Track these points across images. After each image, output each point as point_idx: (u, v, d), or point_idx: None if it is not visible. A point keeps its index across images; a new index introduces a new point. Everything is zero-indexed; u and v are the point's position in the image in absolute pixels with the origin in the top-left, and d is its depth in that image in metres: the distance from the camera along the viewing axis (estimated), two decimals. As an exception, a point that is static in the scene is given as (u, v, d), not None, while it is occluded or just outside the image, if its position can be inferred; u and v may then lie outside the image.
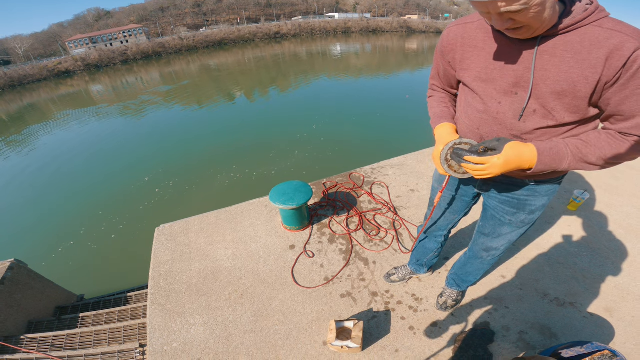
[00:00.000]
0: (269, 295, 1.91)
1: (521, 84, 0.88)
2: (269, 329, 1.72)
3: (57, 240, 6.85)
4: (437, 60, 1.14)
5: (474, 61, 0.97)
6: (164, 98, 20.34)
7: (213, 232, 2.41)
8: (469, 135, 1.07)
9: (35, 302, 2.68)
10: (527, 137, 0.94)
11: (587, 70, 0.78)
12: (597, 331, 1.69)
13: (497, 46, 0.91)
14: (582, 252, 2.17)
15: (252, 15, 54.29)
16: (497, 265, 2.08)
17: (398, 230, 2.37)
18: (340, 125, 11.85)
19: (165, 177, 8.95)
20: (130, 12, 75.60)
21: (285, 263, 2.12)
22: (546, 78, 0.84)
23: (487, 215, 1.31)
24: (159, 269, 2.12)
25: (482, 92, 0.97)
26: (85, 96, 26.99)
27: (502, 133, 0.97)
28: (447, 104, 1.21)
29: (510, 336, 1.67)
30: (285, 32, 47.32)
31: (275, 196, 2.21)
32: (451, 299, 1.78)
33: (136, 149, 11.77)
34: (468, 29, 0.98)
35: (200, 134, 12.61)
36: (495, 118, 0.97)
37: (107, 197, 8.38)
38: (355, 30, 50.63)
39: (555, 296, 1.87)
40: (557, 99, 0.85)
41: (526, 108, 0.90)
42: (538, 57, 0.84)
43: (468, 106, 1.05)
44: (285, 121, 13.24)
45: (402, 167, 3.21)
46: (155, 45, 50.72)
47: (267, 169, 8.81)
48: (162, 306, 1.88)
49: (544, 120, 0.90)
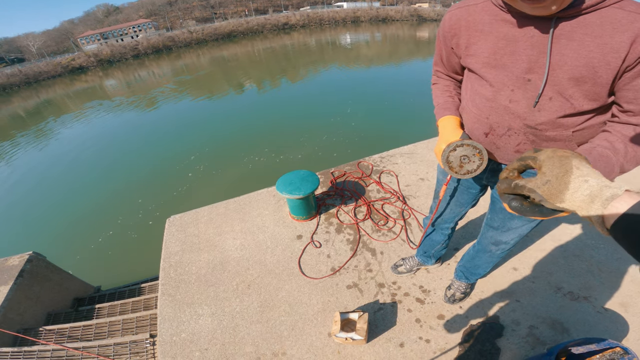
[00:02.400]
0: (275, 285, 1.91)
1: (535, 70, 0.81)
2: (275, 319, 1.73)
3: (77, 231, 7.04)
4: (440, 45, 1.08)
5: (481, 46, 0.90)
6: (179, 89, 20.58)
7: (222, 223, 2.42)
8: (476, 126, 1.00)
9: (54, 294, 2.74)
10: (542, 128, 0.88)
11: (609, 55, 0.71)
12: (611, 327, 1.63)
13: (506, 29, 0.84)
14: (599, 244, 2.09)
15: (259, 7, 53.87)
16: (509, 257, 2.02)
17: (407, 220, 2.33)
18: (352, 115, 11.73)
19: (189, 166, 9.08)
20: (139, 7, 76.19)
21: (292, 253, 2.11)
22: (563, 63, 0.77)
23: (496, 208, 1.25)
24: (169, 260, 2.15)
25: (491, 79, 0.90)
26: (100, 90, 27.48)
27: (515, 123, 0.90)
28: (451, 92, 1.15)
29: (520, 330, 1.63)
30: (293, 23, 46.84)
31: (282, 186, 2.20)
32: (459, 291, 1.75)
33: (155, 141, 11.95)
34: (472, 11, 0.91)
35: (206, 124, 12.71)
36: (507, 107, 0.90)
37: (122, 189, 8.56)
38: (365, 19, 49.74)
39: (569, 290, 1.81)
40: (575, 85, 0.78)
41: (541, 96, 0.83)
42: (554, 40, 0.77)
43: (475, 94, 0.98)
44: (295, 111, 13.20)
45: (412, 155, 3.14)
46: (165, 39, 51.06)
47: (275, 158, 8.82)
48: (172, 297, 1.90)
49: (561, 109, 0.83)
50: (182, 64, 33.73)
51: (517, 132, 0.92)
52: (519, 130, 0.91)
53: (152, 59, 44.70)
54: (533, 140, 0.91)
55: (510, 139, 0.95)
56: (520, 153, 0.96)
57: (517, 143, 0.94)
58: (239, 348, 1.62)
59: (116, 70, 40.30)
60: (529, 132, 0.90)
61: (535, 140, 0.91)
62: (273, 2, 55.39)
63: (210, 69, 27.92)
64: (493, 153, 1.04)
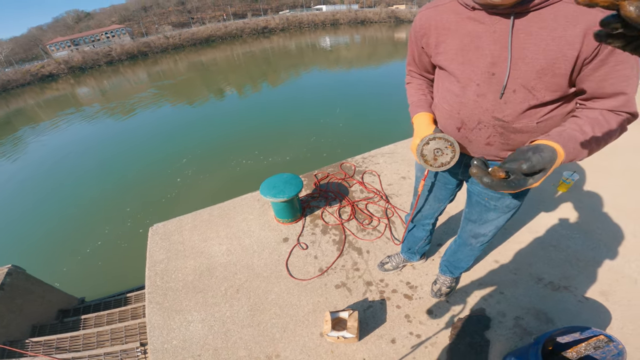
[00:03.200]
0: (264, 289, 1.91)
1: (498, 64, 0.86)
2: (266, 322, 1.73)
3: (61, 243, 6.84)
4: (412, 45, 1.12)
5: (449, 44, 0.94)
6: (158, 96, 20.07)
7: (206, 229, 2.40)
8: (449, 122, 1.05)
9: (37, 306, 2.71)
10: (509, 120, 0.92)
11: (565, 47, 0.76)
12: (594, 316, 1.69)
13: (471, 27, 0.88)
14: (574, 234, 2.18)
15: (238, 11, 53.30)
16: (490, 249, 2.09)
17: (390, 218, 2.38)
18: (333, 117, 11.82)
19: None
20: (112, 13, 73.86)
21: (279, 256, 2.12)
22: (524, 56, 0.82)
23: (472, 202, 1.31)
24: (154, 268, 2.11)
25: (459, 75, 0.95)
26: (73, 98, 26.46)
27: (484, 116, 0.95)
28: (424, 91, 1.19)
29: (506, 322, 1.67)
30: (273, 27, 46.72)
31: (266, 189, 2.20)
32: (445, 285, 1.79)
33: (117, 152, 11.62)
34: (440, 11, 0.95)
35: (190, 130, 12.49)
36: (476, 101, 0.94)
37: (97, 201, 8.29)
38: (344, 22, 50.23)
39: (549, 280, 1.88)
40: (536, 77, 0.83)
41: (506, 88, 0.87)
42: (514, 35, 0.81)
43: (446, 91, 1.03)
44: (276, 114, 13.18)
45: (393, 155, 3.21)
46: (140, 45, 49.76)
47: (258, 163, 8.78)
48: (160, 305, 1.87)
49: (524, 101, 0.88)
50: (159, 70, 33.01)
51: (486, 125, 0.96)
52: (489, 123, 0.96)
53: (127, 65, 43.46)
54: (502, 132, 0.96)
55: (481, 132, 0.99)
56: (490, 145, 1.01)
57: (488, 135, 0.99)
58: (232, 353, 1.61)
59: (89, 77, 38.93)
60: (497, 125, 0.94)
61: (503, 133, 0.96)
62: (252, 6, 54.97)
63: (188, 74, 27.44)
64: (466, 147, 1.08)
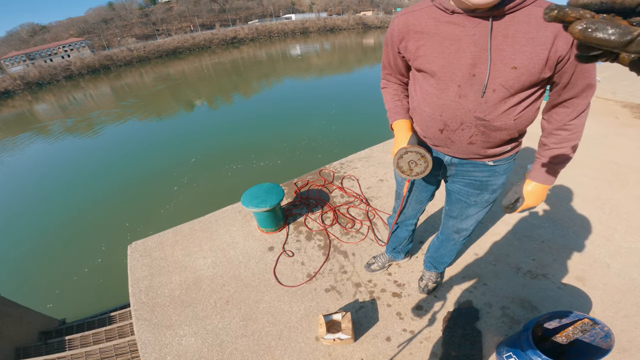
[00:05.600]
0: (254, 298, 1.90)
1: (479, 65, 0.89)
2: (260, 331, 1.72)
3: (26, 267, 6.49)
4: (387, 49, 1.13)
5: (429, 47, 0.96)
6: (124, 110, 19.29)
7: (189, 243, 2.35)
8: (431, 124, 1.07)
9: (16, 329, 2.61)
10: (490, 118, 0.96)
11: (538, 47, 0.83)
12: (575, 301, 1.77)
13: (450, 30, 0.90)
14: (544, 223, 2.32)
15: (206, 22, 52.43)
16: (469, 243, 2.17)
17: (372, 220, 2.43)
18: (307, 125, 11.91)
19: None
20: (69, 26, 70.50)
21: (266, 265, 2.11)
22: (502, 57, 0.86)
23: (453, 200, 1.35)
24: (138, 285, 2.04)
25: (440, 76, 0.96)
26: (31, 116, 24.89)
27: (466, 117, 0.98)
28: (400, 96, 1.22)
29: (494, 312, 1.73)
30: (242, 37, 46.44)
31: (247, 200, 2.20)
32: (431, 281, 1.84)
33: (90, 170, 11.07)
34: (418, 16, 0.97)
35: (162, 145, 12.12)
36: (458, 102, 0.96)
37: (67, 222, 7.83)
38: (313, 30, 50.89)
39: (527, 269, 1.97)
40: (514, 77, 0.87)
41: (486, 88, 0.91)
42: (493, 37, 0.85)
43: (427, 95, 1.03)
44: (249, 126, 13.07)
45: (369, 159, 3.30)
46: (101, 58, 47.73)
47: (234, 175, 8.67)
48: (148, 321, 1.82)
49: (504, 99, 0.92)
50: (124, 84, 31.81)
51: (469, 125, 0.99)
52: (471, 123, 0.99)
53: (89, 79, 41.53)
54: (483, 131, 1.00)
55: (463, 132, 1.02)
56: (473, 144, 1.05)
57: (470, 135, 1.02)
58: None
59: (47, 93, 36.85)
60: (479, 124, 0.98)
61: (485, 131, 1.00)
62: (220, 16, 54.27)
63: (155, 87, 26.64)
64: (448, 148, 1.11)
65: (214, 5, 56.02)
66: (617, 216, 2.34)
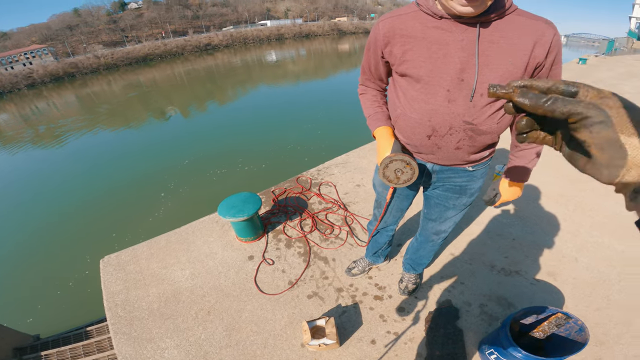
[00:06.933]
0: (236, 307, 1.87)
1: (467, 70, 0.90)
2: (245, 340, 1.69)
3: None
4: (369, 54, 1.10)
5: (416, 51, 0.94)
6: (90, 120, 18.40)
7: (165, 256, 2.28)
8: (418, 130, 1.06)
9: None
10: (477, 122, 0.98)
11: (520, 53, 0.87)
12: (548, 296, 1.85)
13: (438, 35, 0.90)
14: (514, 222, 2.43)
15: (178, 29, 51.07)
16: (446, 244, 2.24)
17: (351, 225, 2.46)
18: (283, 132, 11.90)
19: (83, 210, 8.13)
20: (31, 32, 66.76)
21: (246, 274, 2.08)
22: (489, 62, 0.89)
23: (432, 204, 1.38)
24: (113, 299, 1.97)
25: (428, 81, 0.96)
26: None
27: (455, 121, 0.98)
28: (379, 102, 1.21)
29: (473, 310, 1.79)
30: (216, 43, 45.68)
31: (224, 210, 2.17)
32: (411, 282, 1.87)
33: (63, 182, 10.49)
34: (404, 20, 0.96)
35: (125, 157, 11.69)
36: (447, 107, 0.96)
37: (33, 237, 7.37)
38: (289, 36, 50.96)
39: (501, 267, 2.05)
40: (500, 81, 0.90)
41: (475, 92, 0.92)
42: (480, 43, 0.88)
43: (413, 100, 1.02)
44: (223, 135, 12.87)
45: (346, 165, 3.34)
46: (66, 66, 45.39)
47: (212, 186, 8.50)
48: (127, 335, 1.75)
49: (490, 103, 0.95)
50: (90, 92, 30.40)
51: (457, 130, 1.00)
52: (459, 128, 0.99)
53: (52, 88, 39.37)
54: (471, 135, 1.01)
55: (451, 137, 1.02)
56: (459, 149, 1.06)
57: (458, 140, 1.03)
58: (211, 378, 1.54)
59: (8, 103, 34.57)
60: (467, 129, 0.99)
61: (472, 136, 1.01)
62: (193, 23, 53.05)
63: (124, 96, 25.66)
64: (433, 154, 1.11)
65: (187, 12, 54.85)
66: (581, 212, 2.49)
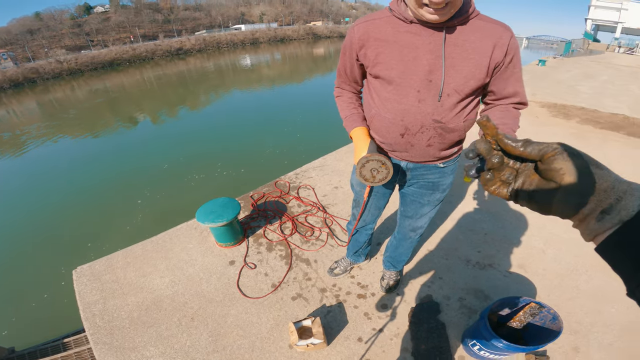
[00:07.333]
0: (220, 313, 1.86)
1: (434, 72, 0.96)
2: (231, 345, 1.68)
3: None
4: (344, 57, 1.16)
5: (389, 55, 1.00)
6: (53, 127, 17.35)
7: (142, 264, 2.22)
8: (392, 129, 1.12)
9: None
10: (446, 120, 1.04)
11: (481, 55, 0.94)
12: (521, 287, 1.95)
13: (408, 39, 0.96)
14: (485, 217, 2.56)
15: (148, 33, 49.08)
16: (422, 241, 2.33)
17: (330, 227, 2.51)
18: (261, 136, 11.81)
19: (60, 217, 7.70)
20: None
21: (228, 279, 2.07)
22: (455, 64, 0.95)
23: (407, 201, 1.46)
24: (90, 310, 1.90)
25: (400, 82, 1.01)
26: None
27: (425, 120, 1.04)
28: (355, 104, 1.26)
29: (452, 304, 1.86)
30: (188, 48, 44.45)
31: (203, 216, 2.15)
32: (392, 279, 1.94)
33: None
34: (377, 25, 1.01)
35: (91, 165, 11.15)
36: (418, 106, 1.02)
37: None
38: (264, 40, 50.51)
39: (476, 260, 2.15)
40: (464, 82, 0.97)
41: (442, 92, 0.99)
42: (446, 46, 0.94)
43: (386, 101, 1.07)
44: (202, 139, 12.59)
45: (323, 167, 3.40)
46: (26, 71, 42.59)
47: (191, 192, 8.28)
48: (108, 344, 1.70)
49: (456, 102, 1.02)
50: (53, 98, 28.67)
51: (428, 128, 1.06)
52: (430, 126, 1.06)
53: (11, 94, 36.79)
54: (440, 133, 1.07)
55: (423, 135, 1.09)
56: (430, 146, 1.12)
57: (428, 138, 1.09)
58: (201, 383, 1.51)
59: (-38, 110, 32.04)
60: (437, 127, 1.06)
61: (442, 133, 1.08)
62: (163, 27, 51.14)
63: (90, 102, 24.44)
64: (406, 152, 1.17)
65: (158, 16, 52.99)
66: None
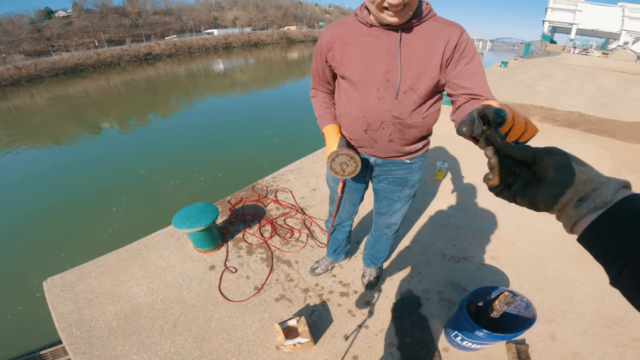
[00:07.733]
0: (203, 318, 1.83)
1: (391, 71, 1.03)
2: (218, 349, 1.66)
3: None
4: (317, 59, 1.22)
5: (352, 56, 1.07)
6: (10, 137, 16.22)
7: (117, 273, 2.15)
8: (356, 125, 1.19)
9: None
10: (404, 117, 1.10)
11: (435, 54, 1.00)
12: (495, 278, 2.05)
13: (370, 41, 1.03)
14: (457, 212, 2.68)
15: (114, 38, 46.74)
16: (399, 238, 2.40)
17: (310, 228, 2.54)
18: (234, 142, 11.65)
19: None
20: (-63, 41, 57.37)
21: (210, 284, 2.05)
22: (409, 64, 1.01)
23: (380, 198, 1.53)
24: (65, 320, 1.82)
25: (362, 82, 1.08)
26: None
27: (385, 116, 1.11)
28: (328, 104, 1.33)
29: (432, 297, 1.93)
30: (158, 53, 42.81)
31: (180, 221, 2.11)
32: (372, 276, 1.99)
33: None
34: (344, 29, 1.09)
35: (55, 177, 10.57)
36: (378, 104, 1.09)
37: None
38: (237, 45, 49.65)
39: (451, 254, 2.24)
40: (419, 80, 1.03)
41: (399, 90, 1.05)
42: (402, 47, 1.00)
43: (351, 99, 1.15)
44: (177, 145, 12.25)
45: (300, 170, 3.44)
46: (-21, 78, 39.73)
47: (167, 197, 8.03)
48: (88, 354, 1.64)
49: (413, 100, 1.07)
50: (10, 106, 26.89)
51: (388, 124, 1.13)
52: (389, 122, 1.12)
53: (-36, 102, 34.18)
54: (400, 129, 1.14)
55: (384, 131, 1.16)
56: (392, 142, 1.18)
57: (389, 133, 1.16)
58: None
59: None
60: (396, 122, 1.12)
61: (401, 129, 1.14)
62: (131, 32, 48.82)
63: (52, 109, 23.07)
64: (372, 148, 1.24)
65: (125, 20, 50.83)
66: (513, 201, 2.86)
